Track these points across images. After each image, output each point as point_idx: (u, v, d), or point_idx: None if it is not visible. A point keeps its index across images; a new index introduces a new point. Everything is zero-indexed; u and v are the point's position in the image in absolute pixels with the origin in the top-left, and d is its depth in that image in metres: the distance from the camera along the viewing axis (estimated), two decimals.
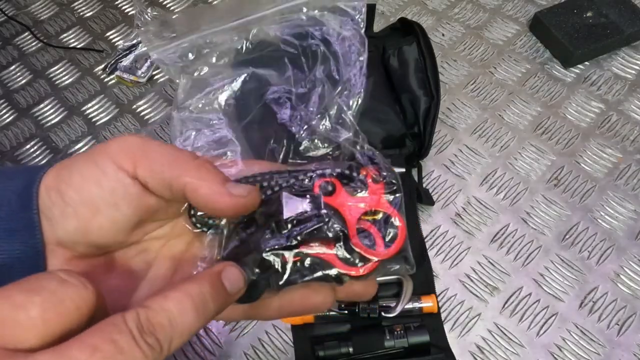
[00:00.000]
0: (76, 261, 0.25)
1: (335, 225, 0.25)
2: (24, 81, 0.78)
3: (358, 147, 0.27)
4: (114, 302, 0.22)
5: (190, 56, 0.29)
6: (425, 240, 0.58)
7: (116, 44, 0.81)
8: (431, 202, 0.60)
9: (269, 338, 0.54)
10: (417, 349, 0.50)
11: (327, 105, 0.28)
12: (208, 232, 0.27)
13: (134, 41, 0.79)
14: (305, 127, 0.29)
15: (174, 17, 0.29)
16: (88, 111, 0.73)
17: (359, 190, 0.26)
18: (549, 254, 0.57)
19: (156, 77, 0.77)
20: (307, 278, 0.25)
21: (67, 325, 0.18)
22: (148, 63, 0.76)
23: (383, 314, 0.52)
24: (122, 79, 0.76)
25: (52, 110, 0.74)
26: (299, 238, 0.25)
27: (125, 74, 0.76)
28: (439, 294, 0.55)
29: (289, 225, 0.25)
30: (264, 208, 0.26)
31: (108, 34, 0.83)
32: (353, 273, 0.25)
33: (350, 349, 0.50)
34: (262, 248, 0.25)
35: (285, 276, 0.25)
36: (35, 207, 0.24)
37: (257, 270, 0.24)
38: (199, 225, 0.27)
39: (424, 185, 0.63)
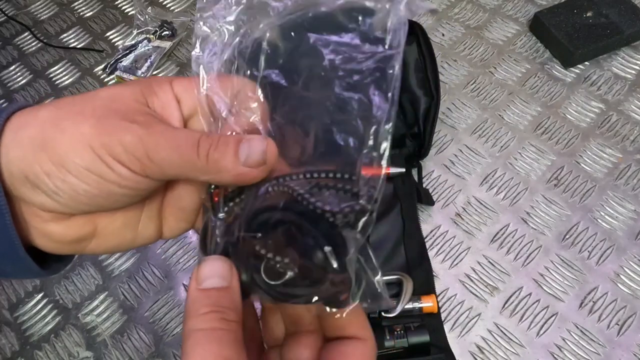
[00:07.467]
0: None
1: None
2: (24, 81, 0.78)
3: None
4: None
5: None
6: (425, 240, 0.58)
7: (116, 44, 0.81)
8: (431, 202, 0.60)
9: None
10: (417, 349, 0.50)
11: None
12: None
13: (134, 41, 0.79)
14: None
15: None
16: None
17: None
18: (549, 254, 0.57)
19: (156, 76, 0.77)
20: None
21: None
22: (148, 63, 0.76)
23: (383, 314, 0.52)
24: (122, 79, 0.76)
25: None
26: None
27: (125, 74, 0.76)
28: (439, 294, 0.55)
29: None
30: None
31: (108, 34, 0.83)
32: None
33: None
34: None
35: None
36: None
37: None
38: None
39: (424, 185, 0.63)
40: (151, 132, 0.23)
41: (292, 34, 0.25)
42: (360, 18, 0.24)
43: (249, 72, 0.26)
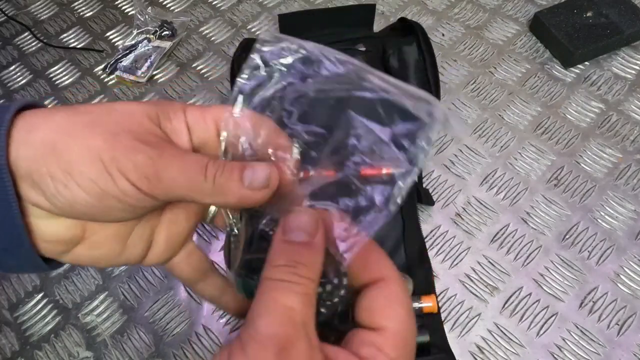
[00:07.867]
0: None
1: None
2: (24, 81, 0.78)
3: None
4: None
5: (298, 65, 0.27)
6: (425, 240, 0.58)
7: (116, 44, 0.81)
8: (431, 202, 0.60)
9: None
10: (417, 349, 0.50)
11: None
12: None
13: (134, 41, 0.79)
14: None
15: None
16: None
17: None
18: (549, 254, 0.57)
19: (156, 77, 0.76)
20: None
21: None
22: (148, 63, 0.76)
23: None
24: (122, 79, 0.76)
25: None
26: None
27: (125, 74, 0.76)
28: (439, 294, 0.55)
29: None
30: None
31: (108, 34, 0.83)
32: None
33: None
34: None
35: None
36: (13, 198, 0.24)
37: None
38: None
39: (424, 185, 0.63)
40: (162, 154, 0.24)
41: (333, 103, 0.26)
42: (396, 118, 0.24)
43: (279, 117, 0.27)
